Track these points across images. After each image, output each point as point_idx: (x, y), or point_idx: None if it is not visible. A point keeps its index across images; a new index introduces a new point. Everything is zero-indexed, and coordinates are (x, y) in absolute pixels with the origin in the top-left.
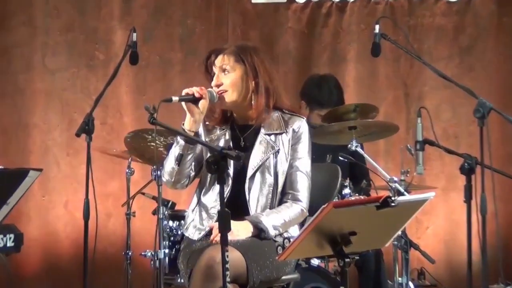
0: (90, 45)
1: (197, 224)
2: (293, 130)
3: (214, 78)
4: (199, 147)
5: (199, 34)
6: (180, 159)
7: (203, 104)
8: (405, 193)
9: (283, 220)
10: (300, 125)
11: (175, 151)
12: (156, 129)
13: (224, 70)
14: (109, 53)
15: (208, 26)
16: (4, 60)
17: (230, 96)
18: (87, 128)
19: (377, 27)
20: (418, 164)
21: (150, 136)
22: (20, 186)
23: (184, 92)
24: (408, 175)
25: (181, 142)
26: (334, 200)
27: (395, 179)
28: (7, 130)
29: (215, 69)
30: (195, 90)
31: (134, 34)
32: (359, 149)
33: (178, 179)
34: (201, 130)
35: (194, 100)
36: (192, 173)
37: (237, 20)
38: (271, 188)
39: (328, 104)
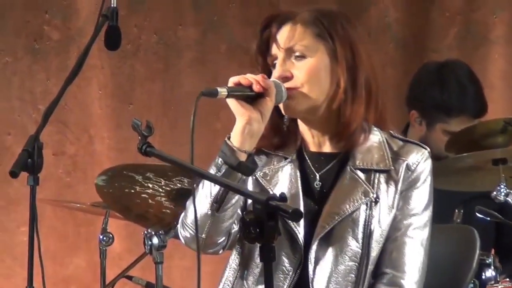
0: (35, 14)
1: None
2: (407, 166)
3: (277, 67)
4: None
5: None
6: (222, 201)
7: (266, 105)
8: None
9: None
10: (420, 160)
11: (212, 186)
12: (152, 164)
13: (294, 52)
14: (69, 29)
15: None
16: None
17: (306, 98)
18: (30, 162)
19: None
20: None
21: (140, 177)
22: None
23: (232, 81)
24: None
25: (226, 170)
26: None
27: None
28: None
29: (278, 51)
30: (253, 80)
31: None
32: None
33: (213, 234)
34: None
35: (251, 97)
36: (234, 228)
37: None
38: (357, 264)
39: (460, 111)
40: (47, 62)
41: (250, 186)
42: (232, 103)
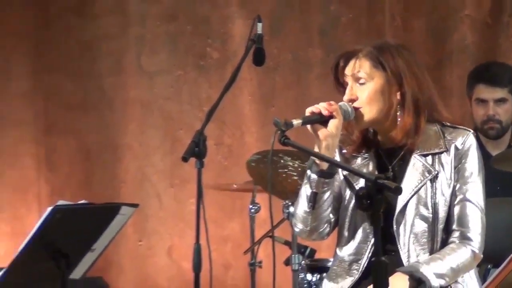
0: (200, 39)
1: (331, 279)
2: (456, 147)
3: (347, 91)
4: (336, 182)
5: (346, 24)
6: (314, 200)
7: (334, 124)
8: None
9: (449, 266)
10: (465, 139)
11: (306, 190)
12: (289, 151)
13: (358, 80)
14: (226, 50)
15: (358, 14)
16: (87, 58)
17: (368, 114)
18: (197, 150)
19: None
20: None
21: (282, 160)
22: (108, 227)
23: (308, 111)
24: None
25: (313, 176)
26: None
27: None
28: (90, 152)
29: (348, 79)
30: (322, 107)
31: (259, 25)
32: None
33: (314, 226)
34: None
35: (322, 121)
36: (333, 218)
37: (397, 5)
38: (429, 225)
39: (477, 79)
40: (209, 75)
41: (341, 180)
42: (309, 128)
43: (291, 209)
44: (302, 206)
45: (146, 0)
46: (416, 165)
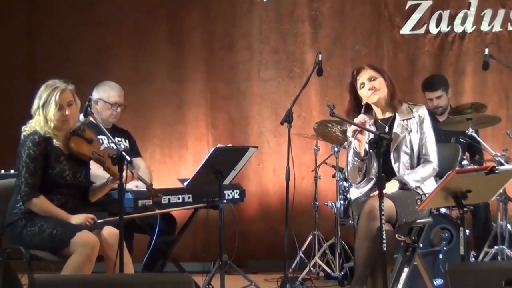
0: (290, 63)
1: (358, 188)
2: (419, 115)
3: (368, 86)
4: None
5: (364, 55)
6: (361, 170)
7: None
8: (505, 164)
9: (420, 176)
10: (422, 111)
11: (358, 165)
12: (335, 120)
13: (371, 79)
14: (303, 68)
15: (370, 50)
16: (232, 73)
17: (379, 94)
18: (288, 119)
19: (486, 50)
20: None
21: (330, 125)
22: (243, 157)
23: (356, 122)
24: (507, 152)
25: (360, 161)
26: (456, 169)
27: (498, 154)
28: (234, 121)
29: (364, 81)
30: (360, 123)
31: (320, 55)
32: (474, 134)
33: (359, 179)
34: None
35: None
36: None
37: (390, 45)
38: (409, 156)
39: (434, 88)
40: (294, 81)
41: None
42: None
43: (335, 149)
44: (354, 174)
45: (262, 43)
46: (400, 126)
